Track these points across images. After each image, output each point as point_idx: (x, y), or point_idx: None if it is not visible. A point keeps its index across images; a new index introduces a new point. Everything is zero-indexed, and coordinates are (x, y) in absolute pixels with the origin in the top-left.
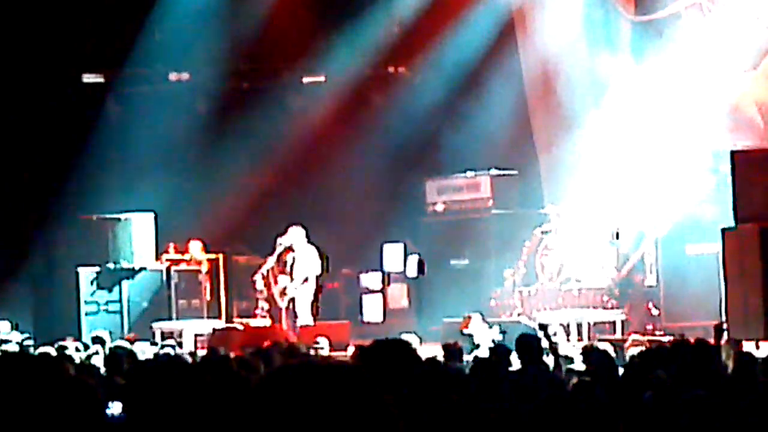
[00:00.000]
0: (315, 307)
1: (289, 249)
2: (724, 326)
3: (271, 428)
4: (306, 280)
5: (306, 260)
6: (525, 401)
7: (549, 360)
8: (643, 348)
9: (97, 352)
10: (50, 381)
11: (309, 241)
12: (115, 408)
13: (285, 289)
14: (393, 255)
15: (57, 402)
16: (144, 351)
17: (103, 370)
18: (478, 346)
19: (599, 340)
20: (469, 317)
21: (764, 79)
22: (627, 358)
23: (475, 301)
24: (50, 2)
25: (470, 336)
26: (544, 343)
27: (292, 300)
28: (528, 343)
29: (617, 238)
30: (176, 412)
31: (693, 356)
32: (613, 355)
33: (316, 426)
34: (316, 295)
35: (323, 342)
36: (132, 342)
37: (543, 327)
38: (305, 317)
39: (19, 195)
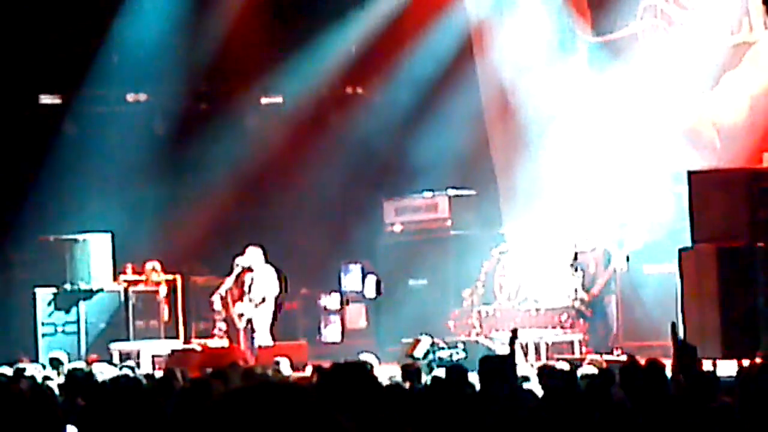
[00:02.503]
0: (273, 327)
1: (248, 269)
2: (679, 327)
3: None
4: (264, 300)
5: (264, 280)
6: (488, 419)
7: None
8: (598, 368)
9: (50, 377)
10: (6, 402)
11: (267, 261)
12: None
13: (243, 311)
14: (351, 275)
15: (14, 423)
16: (102, 372)
17: (59, 391)
18: (431, 369)
19: (557, 359)
20: (417, 340)
21: (722, 100)
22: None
23: (433, 321)
24: (7, 23)
25: (416, 359)
26: (506, 349)
27: (250, 321)
28: (494, 364)
29: (575, 259)
30: None
31: (644, 377)
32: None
33: None
34: (274, 315)
35: (284, 362)
36: (91, 364)
37: (514, 334)
38: (264, 338)
39: None
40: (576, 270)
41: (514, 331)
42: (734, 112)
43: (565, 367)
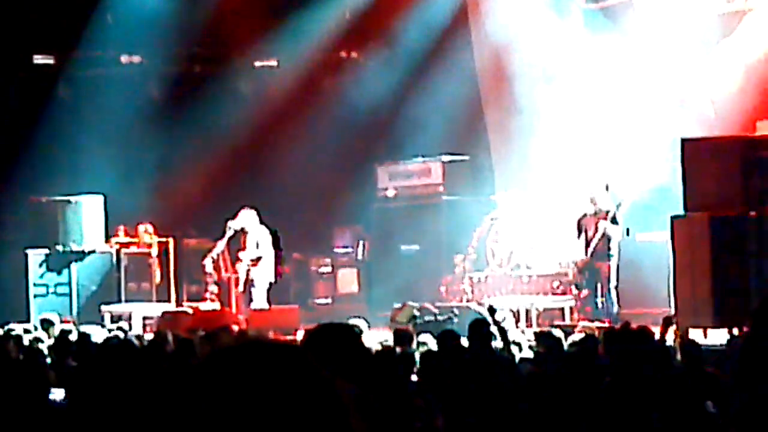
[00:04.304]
0: (269, 290)
1: (241, 232)
2: (673, 318)
3: (214, 408)
4: (259, 259)
5: (259, 240)
6: (476, 384)
7: (498, 344)
8: (585, 334)
9: (41, 339)
10: None
11: (261, 223)
12: (57, 394)
13: (239, 273)
14: (343, 240)
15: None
16: (94, 334)
17: (50, 353)
18: (417, 334)
19: (552, 326)
20: (405, 305)
21: (716, 68)
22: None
23: (425, 286)
24: None
25: (400, 324)
26: (493, 327)
27: (247, 283)
28: (479, 328)
29: (580, 222)
30: (123, 395)
31: (635, 343)
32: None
33: (260, 405)
34: (275, 276)
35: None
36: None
37: (491, 310)
38: (260, 301)
39: None
40: (580, 234)
41: (491, 309)
42: (728, 81)
43: (560, 333)
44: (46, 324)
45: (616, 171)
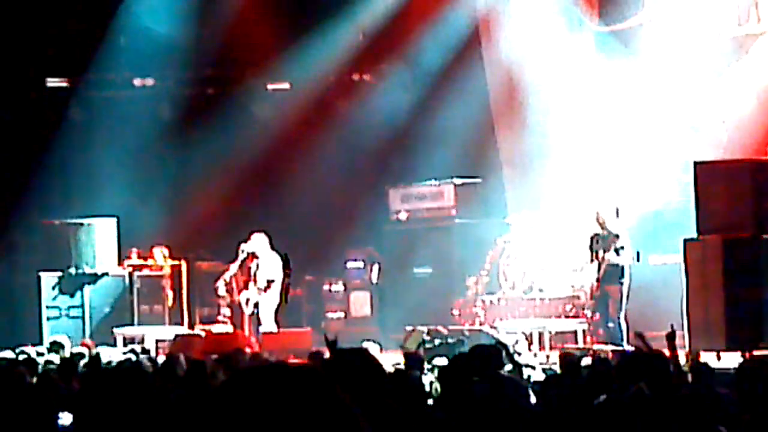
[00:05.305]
0: (277, 314)
1: (253, 255)
2: (677, 333)
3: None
4: (268, 286)
5: (269, 267)
6: (484, 410)
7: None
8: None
9: (51, 361)
10: (5, 388)
11: (273, 248)
12: (64, 419)
13: (249, 296)
14: (356, 263)
15: (10, 409)
16: (108, 356)
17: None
18: (430, 357)
19: (564, 349)
20: (414, 329)
21: (728, 92)
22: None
23: (437, 309)
24: (15, 5)
25: (409, 350)
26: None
27: (256, 306)
28: (484, 353)
29: (592, 245)
30: (134, 418)
31: (648, 366)
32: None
33: (277, 428)
34: (283, 300)
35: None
36: (89, 348)
37: (503, 346)
38: (268, 324)
39: None
40: (593, 257)
41: (503, 345)
42: (741, 104)
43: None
44: (56, 346)
45: (628, 194)
